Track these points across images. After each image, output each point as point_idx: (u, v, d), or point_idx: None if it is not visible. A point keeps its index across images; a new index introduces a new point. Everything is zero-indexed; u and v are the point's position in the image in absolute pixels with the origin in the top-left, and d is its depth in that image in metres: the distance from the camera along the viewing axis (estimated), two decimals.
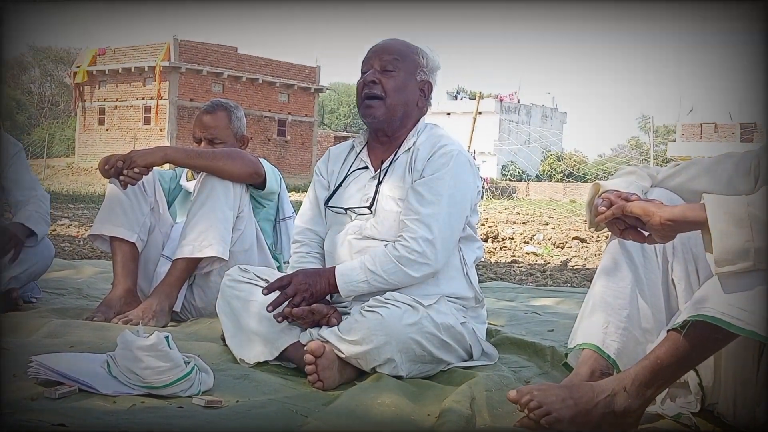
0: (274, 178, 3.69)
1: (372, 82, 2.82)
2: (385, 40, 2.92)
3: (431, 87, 2.95)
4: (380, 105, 2.83)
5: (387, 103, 2.83)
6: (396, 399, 2.29)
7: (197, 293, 3.62)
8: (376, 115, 2.84)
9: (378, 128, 2.89)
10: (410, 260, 2.68)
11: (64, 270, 5.27)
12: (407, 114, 2.89)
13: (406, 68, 2.86)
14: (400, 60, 2.85)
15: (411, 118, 2.91)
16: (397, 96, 2.84)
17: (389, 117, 2.85)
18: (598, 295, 2.26)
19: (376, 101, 2.83)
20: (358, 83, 2.88)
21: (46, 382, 2.22)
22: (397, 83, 2.84)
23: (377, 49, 2.88)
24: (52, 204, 15.86)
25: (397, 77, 2.84)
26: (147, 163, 3.35)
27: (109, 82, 44.89)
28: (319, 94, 49.83)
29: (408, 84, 2.86)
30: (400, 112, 2.86)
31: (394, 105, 2.84)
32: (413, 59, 2.89)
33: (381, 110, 2.83)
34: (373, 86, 2.83)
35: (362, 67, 2.90)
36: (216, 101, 3.87)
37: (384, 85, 2.83)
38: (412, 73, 2.87)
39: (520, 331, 3.49)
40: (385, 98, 2.83)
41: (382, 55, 2.86)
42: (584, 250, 9.77)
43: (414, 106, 2.90)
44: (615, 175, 2.39)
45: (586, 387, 2.03)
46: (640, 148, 57.86)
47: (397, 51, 2.87)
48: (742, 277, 1.84)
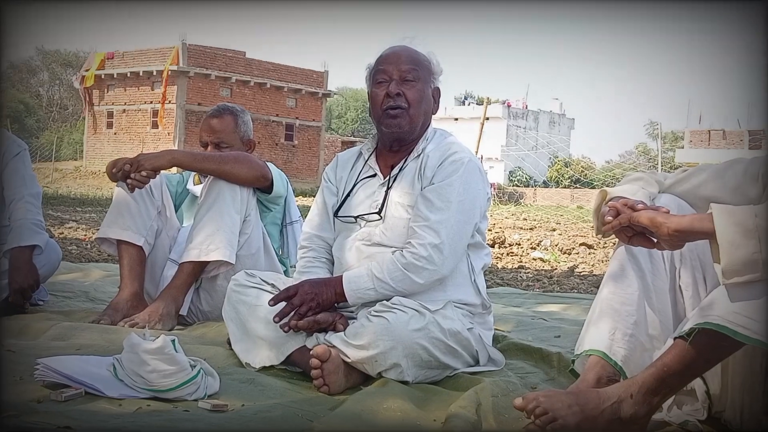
0: (281, 181, 3.69)
1: (397, 94, 2.80)
2: (395, 48, 2.89)
3: (440, 92, 2.96)
4: (404, 115, 2.82)
5: (410, 113, 2.82)
6: (402, 404, 2.29)
7: (204, 297, 3.62)
8: (402, 125, 2.82)
9: (400, 138, 2.87)
10: (417, 266, 2.67)
11: (72, 273, 5.28)
12: (424, 123, 2.90)
13: (424, 77, 2.86)
14: (418, 69, 2.84)
15: (426, 126, 2.92)
16: (419, 106, 2.84)
17: (412, 127, 2.84)
18: (606, 301, 2.26)
19: (401, 111, 2.81)
20: (378, 94, 2.84)
21: (52, 384, 2.22)
22: (419, 93, 2.83)
23: (393, 59, 2.85)
24: (60, 206, 15.79)
25: (418, 87, 2.83)
26: (154, 166, 3.36)
27: (117, 86, 45.05)
28: (326, 99, 49.89)
29: (426, 93, 2.87)
30: (421, 121, 2.86)
31: (416, 115, 2.84)
32: (427, 67, 2.89)
33: (405, 120, 2.82)
34: (397, 98, 2.81)
35: (376, 76, 2.85)
36: (222, 105, 3.87)
37: (407, 95, 2.81)
38: (428, 82, 2.88)
39: (527, 337, 3.48)
40: (408, 108, 2.82)
41: (401, 65, 2.83)
42: (591, 256, 9.76)
43: (429, 113, 2.91)
44: (622, 181, 2.39)
45: (593, 394, 2.02)
46: (648, 155, 57.76)
47: (414, 60, 2.85)
48: (749, 286, 1.84)
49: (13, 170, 3.74)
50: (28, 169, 3.82)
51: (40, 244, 3.65)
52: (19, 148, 3.83)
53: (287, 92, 46.05)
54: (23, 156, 3.82)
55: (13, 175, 3.73)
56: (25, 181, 3.77)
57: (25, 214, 3.66)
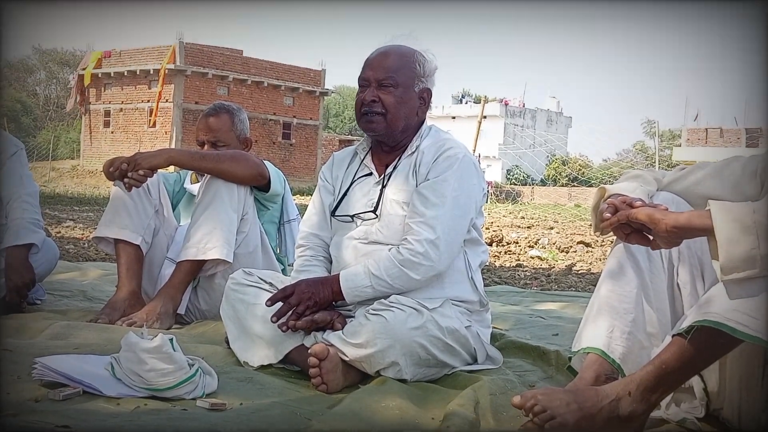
0: (278, 180, 3.69)
1: (372, 100, 2.81)
2: (381, 50, 2.88)
3: (430, 93, 2.93)
4: (381, 120, 2.82)
5: (388, 118, 2.82)
6: (400, 402, 2.29)
7: (202, 296, 3.62)
8: (377, 129, 2.83)
9: (380, 140, 2.90)
10: (413, 263, 2.67)
11: (69, 272, 5.27)
12: (409, 125, 2.87)
13: (404, 82, 2.83)
14: (396, 76, 2.81)
15: (413, 126, 2.90)
16: (398, 110, 2.82)
17: (390, 131, 2.84)
18: (604, 299, 2.26)
19: (377, 116, 2.82)
20: (358, 99, 2.86)
21: (50, 383, 2.22)
22: (396, 98, 2.81)
23: (375, 64, 2.84)
24: (57, 206, 15.77)
25: (396, 92, 2.81)
26: (151, 165, 3.36)
27: (114, 85, 45.00)
28: (324, 98, 49.89)
29: (407, 97, 2.84)
30: (402, 124, 2.85)
31: (395, 119, 2.82)
32: (410, 70, 2.84)
33: (381, 125, 2.82)
34: (373, 104, 2.81)
35: (359, 80, 2.86)
36: (219, 104, 3.86)
37: (383, 101, 2.80)
38: (409, 86, 2.84)
39: (525, 335, 3.48)
40: (386, 114, 2.81)
41: (379, 71, 2.81)
42: (589, 254, 9.77)
43: (414, 115, 2.88)
44: (621, 178, 2.39)
45: (591, 391, 2.02)
46: (646, 153, 57.74)
47: (393, 66, 2.82)
48: (747, 283, 1.84)
49: (9, 170, 3.73)
50: (24, 168, 3.81)
51: (36, 243, 3.64)
52: (16, 148, 3.82)
53: (284, 91, 46.03)
54: (20, 155, 3.81)
55: (9, 175, 3.72)
56: (23, 180, 3.76)
57: (22, 213, 3.65)
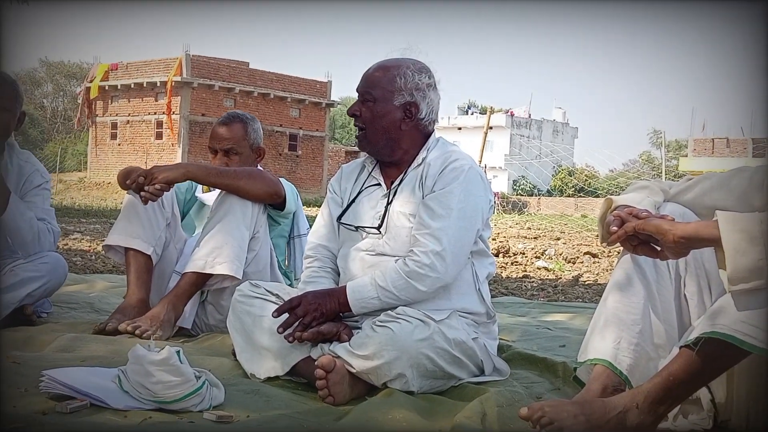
0: (293, 197, 3.69)
1: (353, 115, 2.86)
2: (374, 64, 2.92)
3: (417, 106, 2.86)
4: (363, 136, 2.88)
5: (367, 133, 2.87)
6: (407, 414, 2.29)
7: (210, 311, 3.61)
8: (362, 146, 2.90)
9: (371, 155, 2.94)
10: (420, 274, 2.67)
11: (76, 284, 5.27)
12: (393, 139, 2.86)
13: (382, 96, 2.84)
14: (373, 90, 2.84)
15: (404, 140, 2.87)
16: (374, 125, 2.85)
17: (372, 145, 2.88)
18: (611, 310, 2.25)
19: (360, 132, 2.88)
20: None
21: (57, 396, 2.22)
22: (372, 113, 2.84)
23: (361, 78, 2.90)
24: (65, 218, 15.79)
25: (372, 107, 2.84)
26: (168, 179, 3.35)
27: (121, 97, 45.16)
28: (330, 109, 49.97)
29: (385, 111, 2.84)
30: (383, 139, 2.86)
31: (373, 133, 2.86)
32: (389, 84, 2.83)
33: (364, 141, 2.89)
34: (356, 119, 2.87)
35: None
36: (232, 113, 3.85)
37: (362, 115, 2.86)
38: (388, 100, 2.84)
39: (532, 347, 3.48)
40: (366, 129, 2.86)
41: (361, 85, 2.88)
42: (596, 265, 9.74)
43: (397, 129, 2.86)
44: (627, 189, 2.39)
45: (598, 403, 2.02)
46: (652, 163, 57.73)
47: (372, 81, 2.86)
48: (754, 295, 1.84)
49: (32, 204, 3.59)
50: (46, 202, 3.70)
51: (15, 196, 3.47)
52: (42, 180, 3.70)
53: (291, 102, 46.15)
54: (44, 189, 3.69)
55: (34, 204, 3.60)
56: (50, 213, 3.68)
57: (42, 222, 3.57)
